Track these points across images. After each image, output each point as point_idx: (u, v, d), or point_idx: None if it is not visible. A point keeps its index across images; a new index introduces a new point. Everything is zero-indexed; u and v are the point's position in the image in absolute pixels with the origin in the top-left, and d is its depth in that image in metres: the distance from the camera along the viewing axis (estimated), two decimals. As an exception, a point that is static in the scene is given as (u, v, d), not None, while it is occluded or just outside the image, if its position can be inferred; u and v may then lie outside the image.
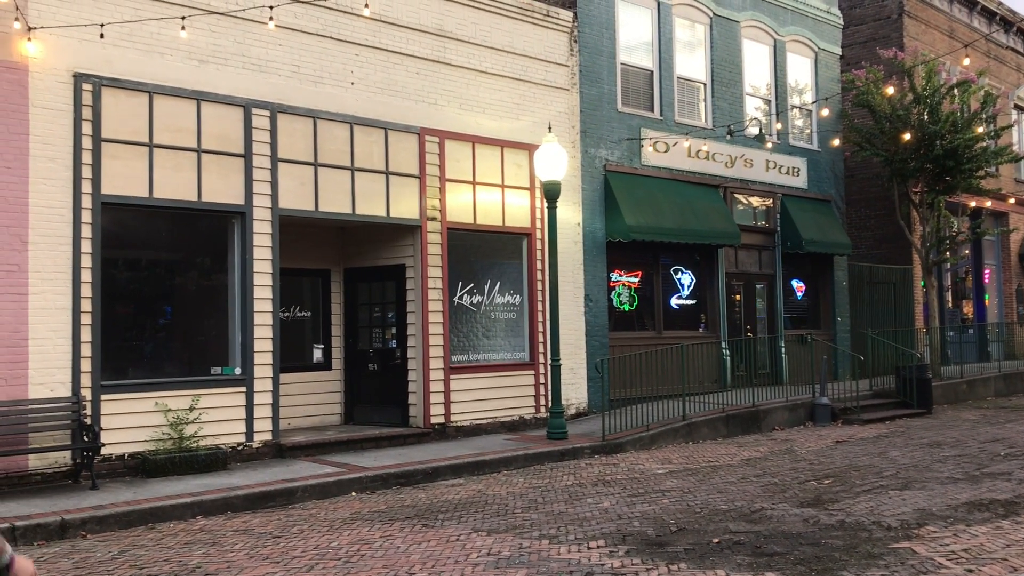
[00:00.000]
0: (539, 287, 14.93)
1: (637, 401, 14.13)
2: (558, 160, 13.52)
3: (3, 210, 9.82)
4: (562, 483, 10.67)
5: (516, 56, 14.92)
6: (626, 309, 17.16)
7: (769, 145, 18.88)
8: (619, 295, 17.00)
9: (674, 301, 18.03)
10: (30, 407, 9.88)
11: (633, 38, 17.37)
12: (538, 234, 14.93)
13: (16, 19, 9.89)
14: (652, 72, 17.61)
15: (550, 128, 14.13)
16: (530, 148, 14.63)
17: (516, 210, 14.75)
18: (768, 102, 19.95)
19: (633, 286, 17.29)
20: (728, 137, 17.79)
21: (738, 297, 19.24)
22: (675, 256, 17.92)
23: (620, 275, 17.00)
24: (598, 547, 7.42)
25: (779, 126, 19.47)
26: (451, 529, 8.23)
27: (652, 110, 17.53)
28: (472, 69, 14.26)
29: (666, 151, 17.38)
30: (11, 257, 9.86)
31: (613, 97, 16.70)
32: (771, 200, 19.74)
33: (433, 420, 13.42)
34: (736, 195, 18.96)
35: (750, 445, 13.78)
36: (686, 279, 18.22)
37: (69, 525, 8.33)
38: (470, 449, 12.39)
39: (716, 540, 7.56)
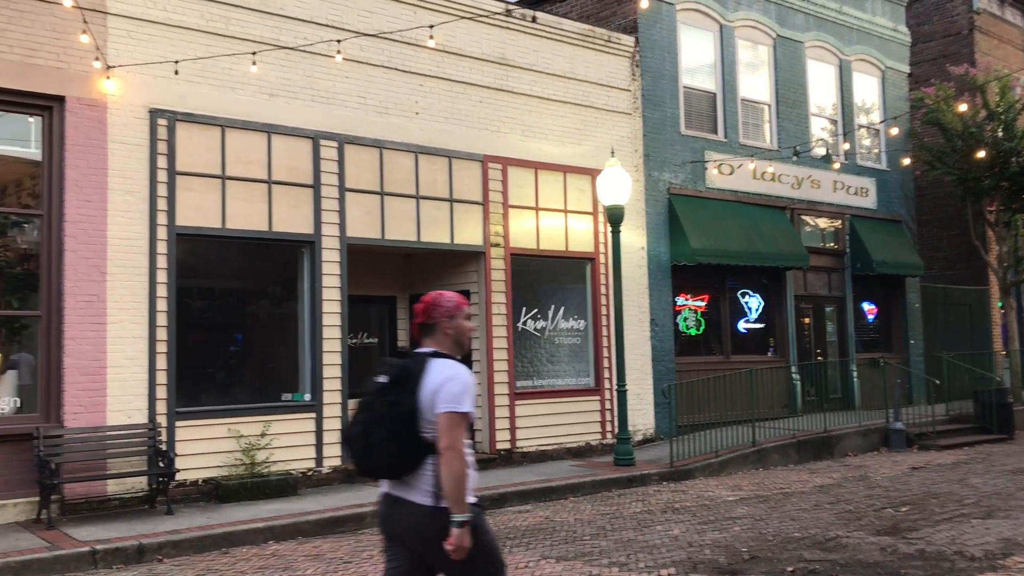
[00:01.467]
0: (604, 312, 14.87)
1: (705, 427, 13.93)
2: (621, 184, 13.51)
3: (83, 242, 10.17)
4: (630, 510, 10.56)
5: (578, 82, 14.98)
6: (692, 333, 16.99)
7: (836, 165, 18.58)
8: (685, 319, 16.84)
9: (742, 325, 17.78)
10: (108, 433, 10.15)
11: (695, 61, 17.31)
12: (602, 259, 14.90)
13: (96, 58, 10.28)
14: (715, 94, 17.51)
15: (613, 152, 14.13)
16: (593, 173, 14.64)
17: (579, 235, 14.75)
18: (835, 122, 19.66)
19: (700, 310, 17.11)
20: (794, 158, 17.59)
21: (807, 320, 18.90)
22: (742, 279, 17.70)
23: (686, 299, 16.84)
24: (668, 575, 7.31)
25: (846, 146, 19.17)
26: (520, 556, 8.20)
27: (716, 132, 17.42)
28: (534, 96, 14.37)
29: (731, 173, 17.23)
30: (91, 288, 10.19)
31: (676, 120, 16.64)
32: (840, 221, 19.40)
33: (499, 446, 13.42)
34: (803, 216, 18.69)
35: (822, 471, 13.46)
36: (754, 302, 17.97)
37: (146, 549, 8.51)
38: (536, 475, 12.35)
39: (790, 569, 7.39)
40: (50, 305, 10.05)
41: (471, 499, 3.98)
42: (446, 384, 3.96)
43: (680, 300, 16.71)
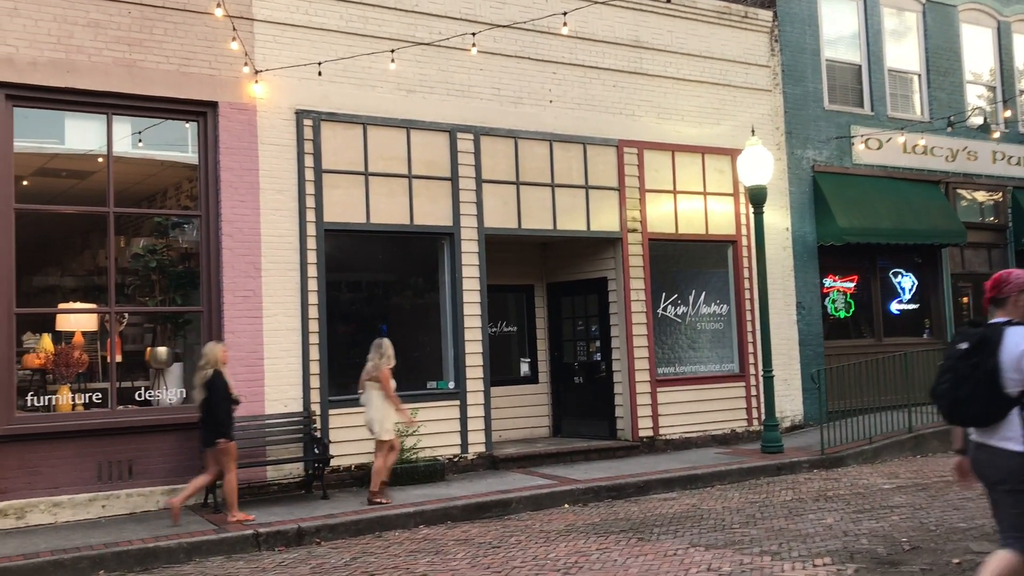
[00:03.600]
0: (747, 296, 14.51)
1: (856, 413, 13.40)
2: (763, 164, 13.12)
3: (239, 241, 10.69)
4: (780, 498, 10.28)
5: (714, 60, 14.64)
6: (841, 316, 16.36)
7: (996, 135, 17.45)
8: (833, 301, 16.24)
9: (894, 306, 17.00)
10: (267, 422, 10.65)
11: (837, 32, 16.61)
12: (744, 241, 14.53)
13: (245, 64, 10.77)
14: (860, 66, 16.77)
15: (753, 131, 13.74)
16: (732, 153, 14.29)
17: (720, 217, 14.43)
18: (992, 89, 18.48)
19: (848, 291, 16.46)
20: (948, 129, 16.67)
21: (966, 300, 17.86)
22: (893, 258, 16.91)
23: (834, 280, 16.23)
24: (824, 565, 7.08)
25: (1007, 114, 17.99)
26: (667, 543, 8.12)
27: (862, 106, 16.68)
28: (669, 77, 14.13)
29: (879, 148, 16.47)
30: (247, 283, 10.71)
31: (819, 95, 16.03)
32: (1000, 194, 18.23)
33: (641, 433, 13.32)
34: (959, 190, 17.66)
35: (988, 459, 12.71)
36: (907, 282, 17.14)
37: (305, 532, 8.89)
38: (681, 463, 12.19)
39: (956, 561, 7.02)
40: (210, 301, 10.63)
41: None
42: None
43: (827, 282, 16.12)
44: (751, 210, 13.51)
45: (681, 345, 14.12)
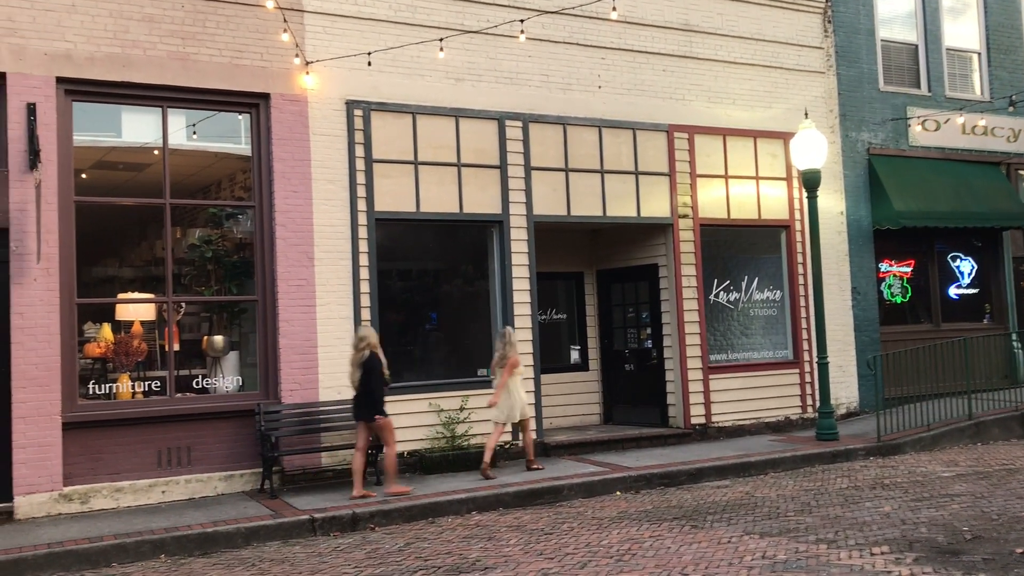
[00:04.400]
0: (800, 281, 14.30)
1: (913, 400, 13.14)
2: (817, 147, 12.90)
3: (292, 230, 10.82)
4: (836, 486, 10.14)
5: (766, 43, 14.41)
6: (898, 301, 16.05)
7: (1059, 114, 16.95)
8: (889, 287, 15.93)
9: (953, 291, 16.62)
10: (321, 409, 10.78)
11: (892, 12, 16.24)
12: (797, 226, 14.32)
13: (296, 55, 10.87)
14: (916, 46, 16.38)
15: (806, 114, 13.52)
16: (785, 136, 14.07)
17: (772, 202, 14.23)
18: (1056, 66, 17.91)
19: (905, 276, 16.13)
20: (1010, 109, 16.23)
21: (1028, 284, 17.40)
22: (952, 242, 16.53)
23: (890, 265, 15.92)
24: (882, 553, 6.96)
25: (1071, 91, 17.43)
26: (721, 531, 8.06)
27: (918, 86, 16.31)
28: (720, 61, 13.95)
29: (936, 129, 16.09)
30: (300, 272, 10.84)
31: (874, 76, 15.70)
32: (1064, 174, 17.68)
33: (693, 420, 13.23)
34: (1022, 171, 17.17)
35: (1052, 447, 12.41)
36: (966, 266, 16.74)
37: (359, 518, 9.00)
38: (734, 450, 12.08)
39: (1020, 551, 6.85)
40: (265, 290, 10.78)
41: None
42: None
43: (883, 266, 15.82)
44: (804, 194, 13.30)
45: (733, 332, 13.98)
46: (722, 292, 13.89)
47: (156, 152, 10.61)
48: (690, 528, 8.24)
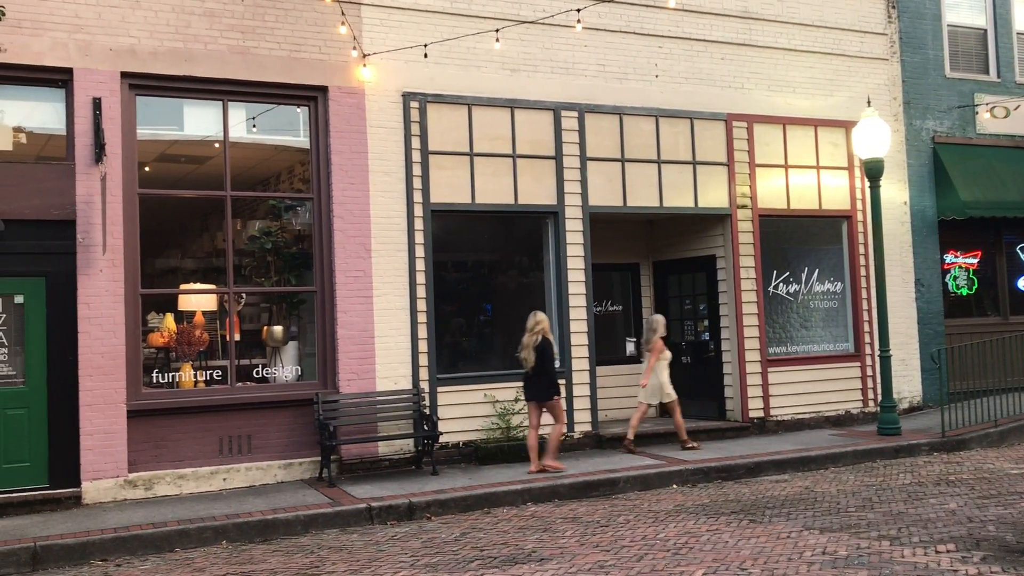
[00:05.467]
0: (862, 273, 14.01)
1: (979, 394, 12.80)
2: (880, 135, 12.61)
3: (350, 222, 10.91)
4: (898, 481, 9.93)
5: (827, 30, 14.11)
6: (963, 294, 15.64)
7: None
8: (955, 278, 15.53)
9: (1022, 283, 16.14)
10: (378, 399, 10.88)
11: (960, -5, 15.82)
12: (859, 216, 14.03)
13: (354, 48, 10.95)
14: (985, 30, 15.91)
15: (869, 102, 13.21)
16: (847, 125, 13.78)
17: (833, 192, 13.96)
18: None
19: (971, 268, 15.71)
20: (1083, 94, 15.65)
21: (1102, 276, 16.81)
22: (1021, 233, 16.04)
23: (955, 256, 15.52)
24: (947, 551, 6.80)
25: None
26: (780, 526, 7.94)
27: (987, 72, 15.84)
28: (779, 48, 13.70)
29: (1006, 116, 15.61)
30: (358, 264, 10.93)
31: (940, 62, 15.29)
32: None
33: (751, 414, 13.06)
34: (1095, 159, 16.58)
35: None
36: (1035, 258, 16.26)
37: (416, 507, 9.07)
38: (793, 444, 11.90)
39: (1094, 551, 6.64)
40: (323, 281, 10.90)
41: None
42: None
43: (948, 258, 15.43)
44: (867, 184, 13.01)
45: (793, 324, 13.76)
46: (781, 284, 13.68)
47: (217, 145, 10.78)
48: (748, 522, 8.13)
